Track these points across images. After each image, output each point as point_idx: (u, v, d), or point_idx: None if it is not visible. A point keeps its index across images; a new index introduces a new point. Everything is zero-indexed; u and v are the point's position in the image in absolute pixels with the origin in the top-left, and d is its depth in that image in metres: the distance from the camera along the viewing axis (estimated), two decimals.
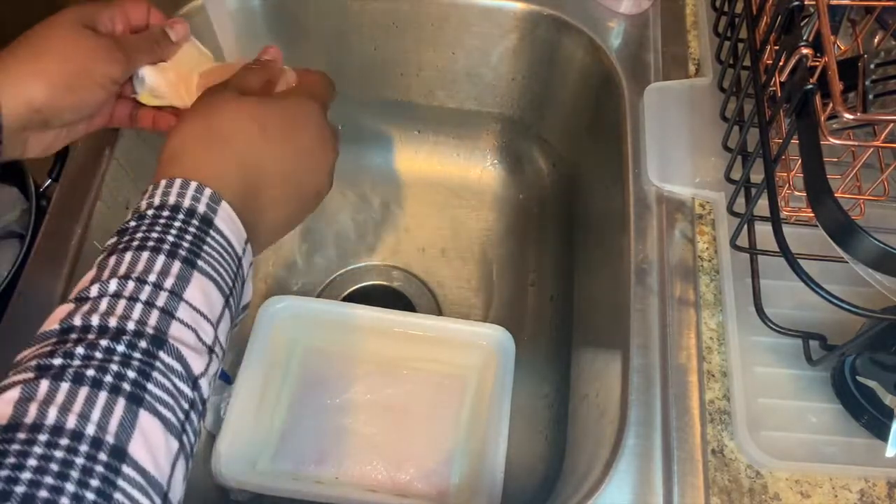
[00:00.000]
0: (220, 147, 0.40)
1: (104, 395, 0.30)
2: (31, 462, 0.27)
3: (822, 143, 0.41)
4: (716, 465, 0.50)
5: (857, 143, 0.46)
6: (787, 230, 0.45)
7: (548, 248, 0.83)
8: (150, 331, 0.33)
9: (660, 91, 0.66)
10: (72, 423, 0.29)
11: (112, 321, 0.32)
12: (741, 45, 0.57)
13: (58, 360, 0.31)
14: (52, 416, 0.29)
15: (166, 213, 0.36)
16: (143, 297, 0.33)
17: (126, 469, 0.29)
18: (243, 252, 0.39)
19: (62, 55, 0.43)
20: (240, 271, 0.39)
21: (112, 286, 0.34)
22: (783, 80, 0.47)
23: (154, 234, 0.36)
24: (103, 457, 0.29)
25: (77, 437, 0.29)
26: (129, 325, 0.32)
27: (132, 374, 0.31)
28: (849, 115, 0.40)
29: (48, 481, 0.27)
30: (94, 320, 0.32)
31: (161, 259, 0.35)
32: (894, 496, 0.50)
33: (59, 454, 0.28)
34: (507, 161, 0.88)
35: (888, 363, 0.48)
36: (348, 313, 0.72)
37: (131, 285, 0.34)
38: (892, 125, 0.43)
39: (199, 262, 0.36)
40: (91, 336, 0.32)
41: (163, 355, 0.33)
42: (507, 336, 0.70)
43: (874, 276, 0.42)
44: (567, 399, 0.68)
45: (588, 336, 0.69)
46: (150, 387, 0.32)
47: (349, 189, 0.87)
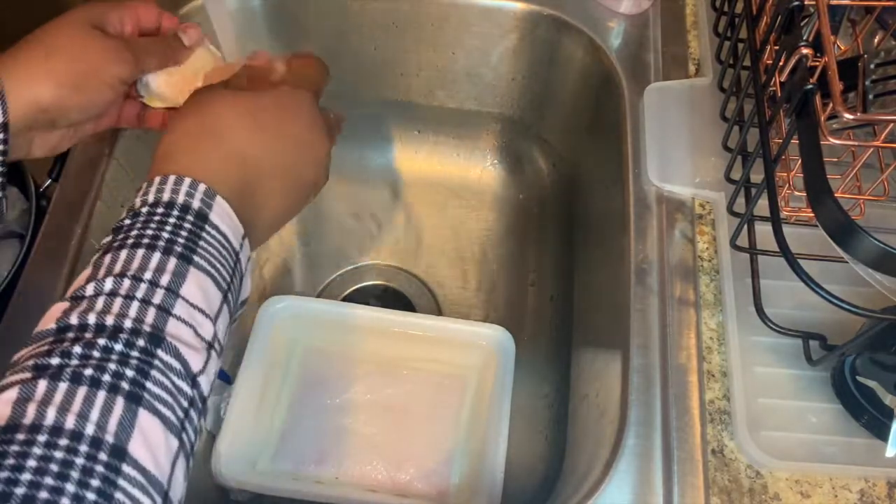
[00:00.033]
0: (213, 142, 0.40)
1: (103, 395, 0.30)
2: (31, 463, 0.27)
3: (822, 143, 0.41)
4: (716, 465, 0.50)
5: (857, 143, 0.46)
6: (787, 230, 0.45)
7: (548, 248, 0.83)
8: (147, 329, 0.33)
9: (660, 91, 0.66)
10: (71, 423, 0.29)
11: (109, 319, 0.32)
12: (741, 45, 0.57)
13: (55, 360, 0.31)
14: (50, 416, 0.29)
15: (161, 210, 0.36)
16: (139, 294, 0.33)
17: (126, 468, 0.29)
18: (240, 247, 0.39)
19: (70, 55, 0.42)
20: (237, 266, 0.38)
21: (108, 284, 0.33)
22: (783, 80, 0.47)
23: (149, 231, 0.35)
24: (103, 456, 0.29)
25: (76, 437, 0.29)
26: (127, 323, 0.32)
27: (130, 373, 0.31)
28: (849, 115, 0.40)
29: (48, 482, 0.27)
30: (91, 319, 0.32)
31: (157, 256, 0.35)
32: (894, 496, 0.50)
33: (58, 454, 0.28)
34: (507, 161, 0.88)
35: (888, 363, 0.48)
36: (348, 313, 0.72)
37: (127, 283, 0.33)
38: (892, 125, 0.43)
39: (196, 258, 0.35)
40: (88, 335, 0.32)
41: (161, 353, 0.32)
42: (507, 336, 0.70)
43: (874, 276, 0.42)
44: (567, 399, 0.68)
45: (588, 336, 0.69)
46: (149, 385, 0.31)
47: (349, 188, 0.87)
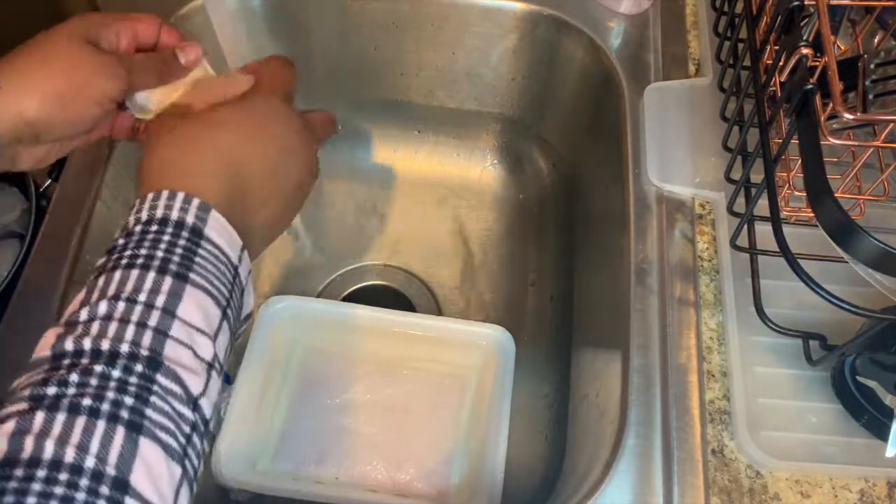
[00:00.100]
0: (198, 153, 0.39)
1: (102, 425, 0.29)
2: (31, 500, 0.26)
3: (822, 143, 0.41)
4: (716, 465, 0.50)
5: (857, 143, 0.46)
6: (787, 230, 0.45)
7: (548, 248, 0.83)
8: (144, 353, 0.32)
9: (660, 91, 0.66)
10: (70, 456, 0.28)
11: (105, 344, 0.31)
12: (741, 45, 0.57)
13: (52, 389, 0.30)
14: (49, 449, 0.28)
15: (154, 228, 0.35)
16: (134, 317, 0.32)
17: (129, 501, 0.28)
18: (239, 260, 0.38)
19: (60, 69, 0.41)
20: (237, 280, 0.38)
21: (102, 308, 0.32)
22: (783, 80, 0.47)
23: (143, 251, 0.35)
24: (105, 490, 0.28)
25: (76, 470, 0.28)
26: (123, 347, 0.31)
27: (129, 401, 0.30)
28: (849, 115, 0.40)
29: None
30: (87, 344, 0.31)
31: (151, 276, 0.34)
32: (894, 496, 0.50)
33: (58, 490, 0.27)
34: (507, 161, 0.88)
35: (888, 363, 0.48)
36: (348, 313, 0.72)
37: (122, 306, 0.32)
38: (892, 125, 0.43)
39: (192, 276, 0.35)
40: (84, 361, 0.31)
41: (160, 378, 0.32)
42: (507, 336, 0.70)
43: (874, 276, 0.42)
44: (567, 399, 0.68)
45: (588, 336, 0.69)
46: (149, 412, 0.31)
47: (349, 189, 0.87)
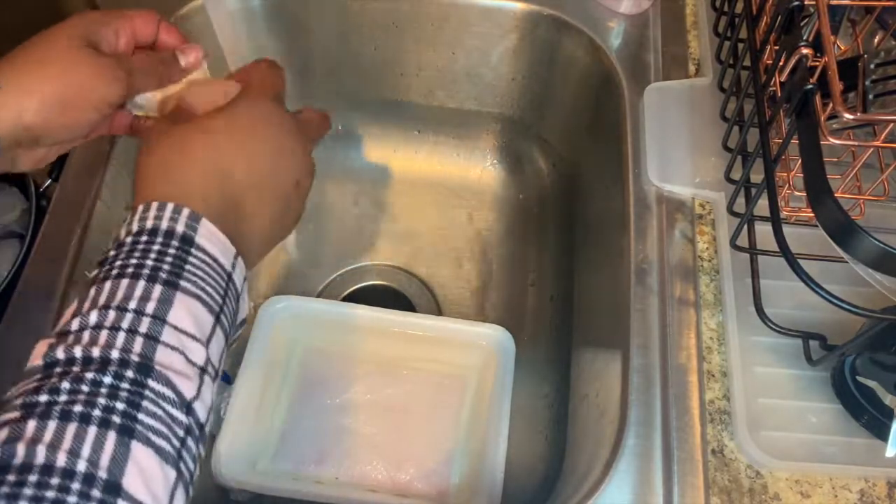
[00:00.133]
0: (187, 165, 0.39)
1: (94, 430, 0.29)
2: None
3: (822, 143, 0.41)
4: (716, 465, 0.50)
5: (857, 143, 0.46)
6: (787, 230, 0.45)
7: (548, 248, 0.83)
8: (135, 358, 0.32)
9: (660, 91, 0.66)
10: (62, 461, 0.28)
11: (95, 351, 0.31)
12: (741, 45, 0.57)
13: (43, 397, 0.30)
14: (40, 455, 0.28)
15: (145, 238, 0.35)
16: (124, 325, 0.32)
17: None
18: (233, 267, 0.38)
19: (60, 73, 0.41)
20: (230, 286, 0.38)
21: (93, 317, 0.33)
22: (783, 80, 0.47)
23: (133, 261, 0.35)
24: (97, 493, 0.28)
25: (68, 475, 0.28)
26: (114, 353, 0.32)
27: (121, 406, 0.30)
28: (849, 115, 0.40)
29: None
30: (78, 352, 0.31)
31: (141, 284, 0.34)
32: (894, 496, 0.50)
33: (49, 494, 0.27)
34: (507, 161, 0.88)
35: (888, 363, 0.48)
36: (348, 313, 0.72)
37: (112, 314, 0.33)
38: (892, 125, 0.43)
39: (182, 283, 0.35)
40: (76, 368, 0.31)
41: (151, 383, 0.32)
42: (507, 336, 0.70)
43: (874, 276, 0.42)
44: (567, 399, 0.68)
45: (588, 336, 0.69)
46: (141, 416, 0.31)
47: (349, 189, 0.87)
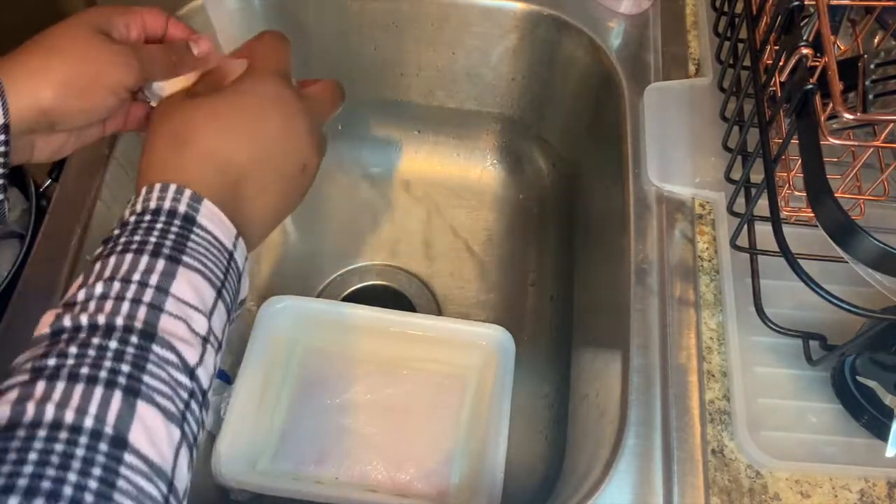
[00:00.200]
0: (186, 148, 0.40)
1: (100, 390, 0.31)
2: (32, 456, 0.28)
3: (822, 143, 0.41)
4: (716, 465, 0.50)
5: (857, 143, 0.46)
6: (787, 230, 0.45)
7: (548, 248, 0.83)
8: (139, 325, 0.33)
9: (660, 91, 0.66)
10: (70, 417, 0.30)
11: (101, 319, 0.33)
12: (741, 45, 0.57)
13: (52, 361, 0.31)
14: (49, 412, 0.29)
15: (148, 218, 0.37)
16: (129, 295, 0.34)
17: (128, 457, 0.30)
18: (234, 246, 0.39)
19: (74, 58, 0.42)
20: (232, 264, 0.39)
21: (98, 289, 0.34)
22: (783, 80, 0.47)
23: (137, 238, 0.36)
24: (104, 447, 0.29)
25: (76, 430, 0.29)
26: (118, 320, 0.33)
27: (126, 368, 0.32)
28: (849, 115, 0.40)
29: (49, 473, 0.28)
30: (84, 320, 0.33)
31: (145, 259, 0.35)
32: (894, 496, 0.50)
33: (59, 447, 0.29)
34: (507, 161, 0.88)
35: (888, 363, 0.48)
36: (348, 313, 0.72)
37: (117, 286, 0.34)
38: (892, 125, 0.43)
39: (184, 258, 0.36)
40: (82, 335, 0.32)
41: (155, 347, 0.33)
42: (507, 336, 0.70)
43: (874, 276, 0.42)
44: (567, 399, 0.68)
45: (588, 336, 0.69)
46: (146, 378, 0.32)
47: (349, 189, 0.87)
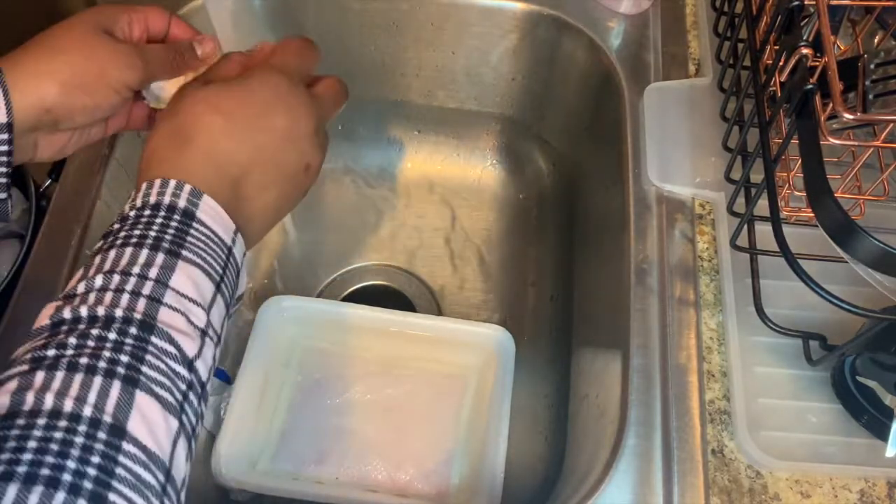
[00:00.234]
0: (187, 146, 0.40)
1: (99, 380, 0.31)
2: (31, 444, 0.28)
3: (822, 143, 0.41)
4: (716, 465, 0.50)
5: (857, 143, 0.46)
6: (787, 230, 0.45)
7: (548, 248, 0.83)
8: (138, 317, 0.33)
9: (660, 91, 0.66)
10: (69, 406, 0.30)
11: (101, 310, 0.33)
12: (741, 45, 0.57)
13: (51, 352, 0.32)
14: (48, 401, 0.30)
15: (148, 212, 0.37)
16: (128, 287, 0.34)
17: (126, 446, 0.30)
18: (233, 242, 0.39)
19: (77, 56, 0.42)
20: (230, 259, 0.39)
21: (98, 281, 0.34)
22: (783, 80, 0.47)
23: (137, 232, 0.36)
24: (102, 435, 0.30)
25: (75, 418, 0.29)
26: (118, 312, 0.33)
27: (125, 359, 0.32)
28: (849, 115, 0.40)
29: (49, 460, 0.28)
30: (83, 311, 0.33)
31: (145, 252, 0.35)
32: (894, 496, 0.50)
33: (58, 435, 0.29)
34: (507, 161, 0.88)
35: (888, 363, 0.48)
36: (348, 313, 0.72)
37: (116, 278, 0.34)
38: (892, 125, 0.43)
39: (184, 252, 0.36)
40: (82, 326, 0.33)
41: (154, 339, 0.33)
42: (507, 336, 0.70)
43: (874, 276, 0.42)
44: (567, 399, 0.68)
45: (588, 336, 0.69)
46: (145, 369, 0.32)
47: (349, 189, 0.87)
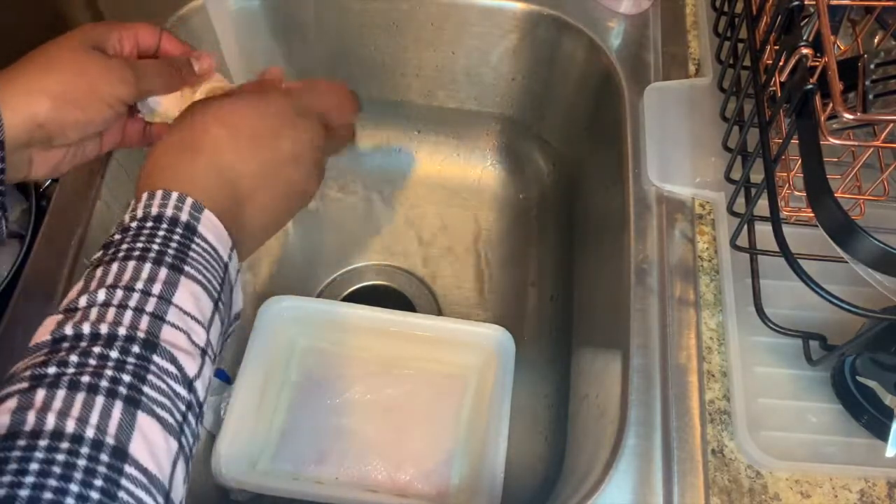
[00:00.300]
0: (198, 158, 0.40)
1: (101, 399, 0.30)
2: (34, 466, 0.28)
3: (822, 143, 0.41)
4: (716, 465, 0.50)
5: (857, 143, 0.46)
6: (787, 230, 0.45)
7: (548, 248, 0.83)
8: (141, 335, 0.33)
9: (660, 91, 0.66)
10: (71, 427, 0.29)
11: (104, 328, 0.33)
12: (741, 45, 0.57)
13: (52, 369, 0.31)
14: (50, 421, 0.29)
15: (150, 224, 0.37)
16: (132, 303, 0.34)
17: (128, 469, 0.29)
18: (229, 258, 0.39)
19: (70, 72, 0.42)
20: (227, 277, 0.39)
21: (101, 295, 0.34)
22: (783, 80, 0.47)
23: (139, 244, 0.36)
24: (105, 458, 0.29)
25: (77, 440, 0.29)
26: (121, 330, 0.33)
27: (127, 378, 0.31)
28: (849, 115, 0.40)
29: (52, 483, 0.27)
30: (86, 328, 0.33)
31: (148, 266, 0.35)
32: (894, 496, 0.50)
33: (60, 457, 0.28)
34: (507, 161, 0.88)
35: (888, 363, 0.48)
36: (348, 313, 0.72)
37: (120, 293, 0.34)
38: (892, 125, 0.43)
39: (186, 268, 0.36)
40: (83, 344, 0.32)
41: (156, 358, 0.33)
42: (507, 336, 0.70)
43: (874, 276, 0.42)
44: (567, 399, 0.68)
45: (588, 336, 0.69)
46: (146, 389, 0.32)
47: (349, 188, 0.87)
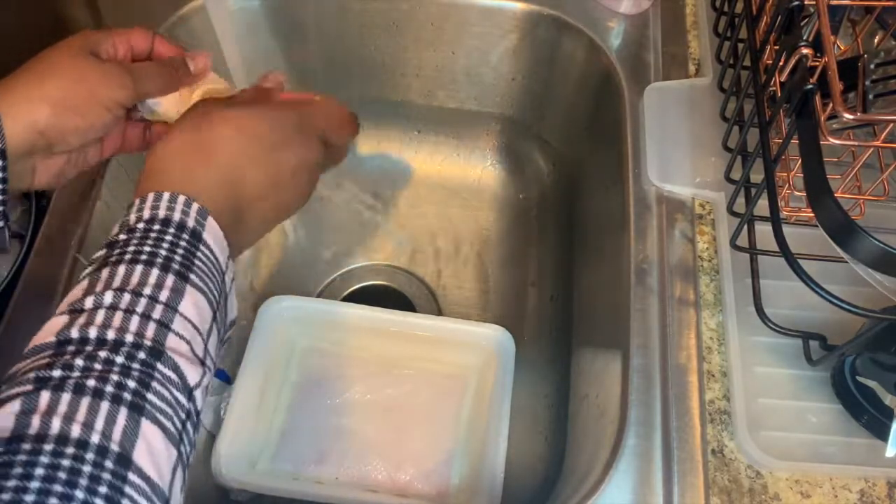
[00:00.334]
0: (207, 161, 0.40)
1: (106, 405, 0.30)
2: (39, 471, 0.27)
3: (822, 143, 0.41)
4: (716, 465, 0.50)
5: (857, 143, 0.46)
6: (787, 230, 0.45)
7: (548, 248, 0.83)
8: (147, 342, 0.33)
9: (660, 91, 0.66)
10: (76, 432, 0.29)
11: (110, 333, 0.33)
12: (741, 45, 0.57)
13: (57, 372, 0.31)
14: (55, 426, 0.29)
15: (157, 227, 0.37)
16: (139, 309, 0.34)
17: (132, 476, 0.30)
18: (226, 267, 0.39)
19: (68, 78, 0.43)
20: (223, 286, 0.39)
21: (108, 298, 0.34)
22: (783, 80, 0.47)
23: (146, 248, 0.36)
24: (109, 464, 0.29)
25: (82, 445, 0.29)
26: (128, 336, 0.33)
27: (132, 384, 0.32)
28: (849, 115, 0.40)
29: (57, 489, 0.27)
30: (92, 332, 0.33)
31: (155, 272, 0.35)
32: (894, 496, 0.50)
33: (65, 462, 0.28)
34: (507, 161, 0.88)
35: (888, 363, 0.48)
36: (348, 313, 0.72)
37: (127, 297, 0.34)
38: (892, 125, 0.43)
39: (192, 276, 0.36)
40: (89, 348, 0.32)
41: (160, 366, 0.33)
42: (507, 336, 0.70)
43: (874, 276, 0.42)
44: (567, 399, 0.68)
45: (588, 336, 0.69)
46: (150, 397, 0.32)
47: (349, 188, 0.87)
